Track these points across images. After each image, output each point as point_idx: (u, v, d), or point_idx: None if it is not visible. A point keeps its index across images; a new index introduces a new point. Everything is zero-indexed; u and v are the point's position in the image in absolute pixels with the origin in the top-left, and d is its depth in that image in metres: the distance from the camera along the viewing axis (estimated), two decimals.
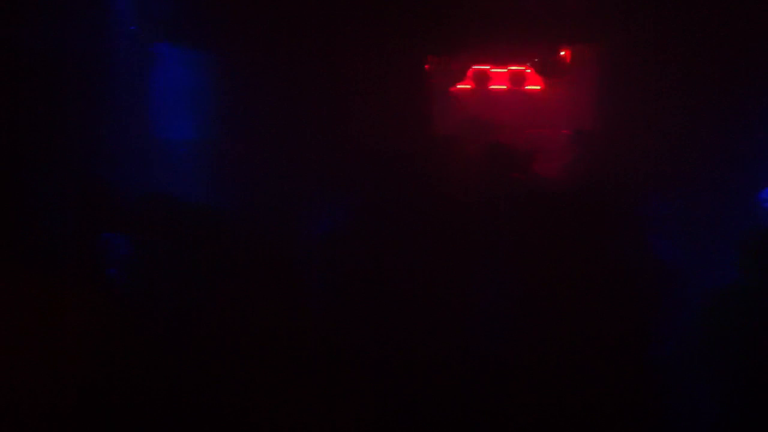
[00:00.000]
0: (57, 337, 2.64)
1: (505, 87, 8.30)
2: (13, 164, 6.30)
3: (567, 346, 3.17)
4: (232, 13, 7.80)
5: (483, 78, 8.30)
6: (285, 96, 7.76)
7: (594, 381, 3.12)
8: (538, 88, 8.21)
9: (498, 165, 5.73)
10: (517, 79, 8.25)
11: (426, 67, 8.03)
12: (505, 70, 8.28)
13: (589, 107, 7.53)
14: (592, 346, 3.14)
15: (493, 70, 8.33)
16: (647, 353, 3.22)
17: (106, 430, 2.67)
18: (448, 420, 3.40)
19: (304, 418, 3.27)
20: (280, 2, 7.62)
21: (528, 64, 8.21)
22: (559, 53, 8.05)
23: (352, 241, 4.31)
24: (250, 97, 7.98)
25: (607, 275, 3.24)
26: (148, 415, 2.92)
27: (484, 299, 3.95)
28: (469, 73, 8.33)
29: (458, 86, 8.36)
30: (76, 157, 7.17)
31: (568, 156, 6.92)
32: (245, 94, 8.01)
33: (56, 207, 5.25)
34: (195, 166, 8.09)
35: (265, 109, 7.87)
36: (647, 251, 3.49)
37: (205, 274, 3.87)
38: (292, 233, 5.39)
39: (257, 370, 3.37)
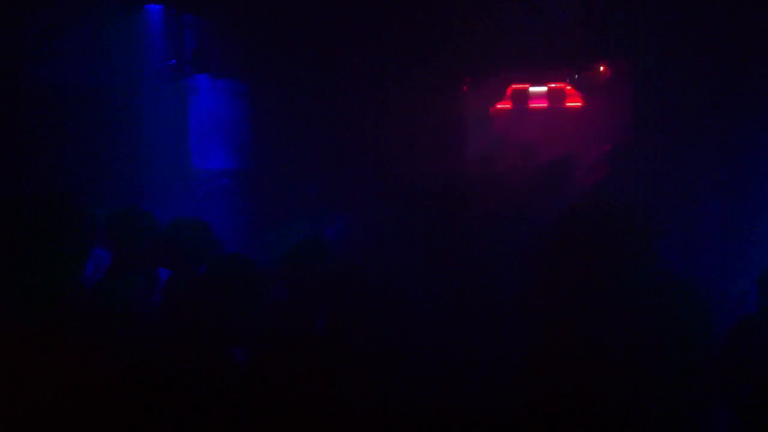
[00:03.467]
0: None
1: (545, 105, 8.24)
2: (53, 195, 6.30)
3: (575, 356, 3.01)
4: (269, 42, 7.86)
5: (522, 97, 8.25)
6: (322, 121, 7.77)
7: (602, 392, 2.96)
8: (579, 104, 8.13)
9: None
10: (557, 96, 8.18)
11: (464, 87, 8.00)
12: (545, 89, 8.22)
13: (629, 121, 7.43)
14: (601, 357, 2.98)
15: (532, 89, 8.28)
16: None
17: None
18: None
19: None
20: (316, 27, 7.67)
21: (567, 81, 8.14)
22: (597, 68, 7.99)
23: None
24: (288, 125, 8.00)
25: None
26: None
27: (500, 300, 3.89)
28: (508, 92, 8.29)
29: (497, 106, 8.31)
30: (114, 190, 7.19)
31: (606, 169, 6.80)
32: (283, 123, 8.03)
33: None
34: (233, 195, 8.09)
35: (302, 136, 7.87)
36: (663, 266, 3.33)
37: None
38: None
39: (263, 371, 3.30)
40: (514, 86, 8.38)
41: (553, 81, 8.25)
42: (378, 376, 3.32)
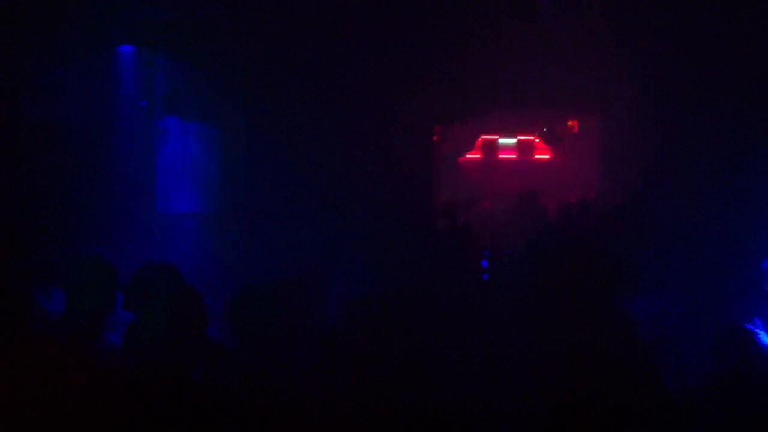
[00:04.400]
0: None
1: (514, 157, 8.30)
2: (14, 238, 6.22)
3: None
4: (239, 86, 7.87)
5: (492, 148, 8.31)
6: (290, 167, 7.76)
7: None
8: (547, 157, 8.20)
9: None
10: (526, 148, 8.26)
11: (434, 137, 8.05)
12: (514, 140, 8.30)
13: (596, 175, 7.53)
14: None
15: (501, 140, 8.36)
16: None
17: None
18: None
19: None
20: (287, 72, 7.69)
21: (536, 133, 8.23)
22: (566, 123, 8.09)
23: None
24: (257, 169, 7.98)
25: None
26: None
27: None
28: (478, 143, 8.35)
29: (467, 156, 8.35)
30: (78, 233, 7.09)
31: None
32: (252, 166, 8.01)
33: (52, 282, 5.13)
34: (200, 239, 8.02)
35: (271, 180, 7.85)
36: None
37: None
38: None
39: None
40: (483, 137, 8.45)
41: (523, 133, 8.33)
42: (379, 376, 3.32)
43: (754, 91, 6.41)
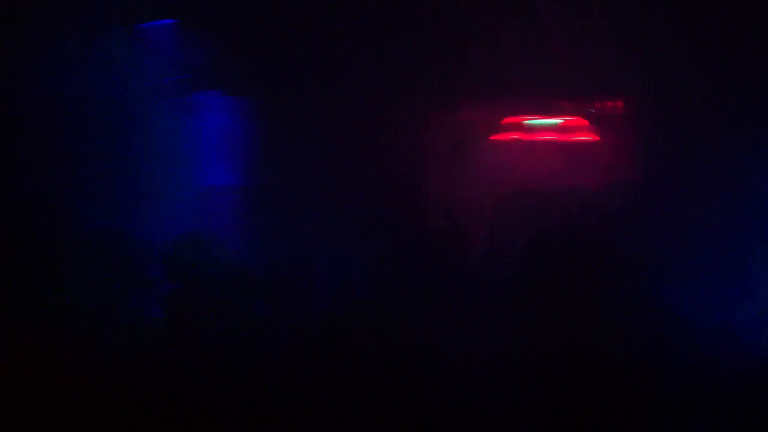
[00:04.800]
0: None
1: (554, 137, 8.13)
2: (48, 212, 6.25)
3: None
4: (270, 60, 7.88)
5: (529, 128, 8.16)
6: (322, 142, 7.81)
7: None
8: (589, 139, 8.06)
9: None
10: (568, 129, 8.09)
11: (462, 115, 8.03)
12: (554, 121, 8.16)
13: (637, 157, 7.47)
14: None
15: (539, 121, 8.21)
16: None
17: None
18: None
19: None
20: (323, 45, 7.68)
21: (581, 115, 8.11)
22: (611, 104, 8.01)
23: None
24: (291, 143, 8.03)
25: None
26: None
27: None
28: (513, 122, 8.20)
29: (502, 137, 8.21)
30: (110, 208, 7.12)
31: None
32: (286, 140, 8.07)
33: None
34: (239, 212, 8.09)
35: (303, 156, 7.91)
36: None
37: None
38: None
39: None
40: (517, 117, 8.31)
41: (567, 115, 8.18)
42: (377, 376, 3.34)
43: (754, 91, 6.39)
